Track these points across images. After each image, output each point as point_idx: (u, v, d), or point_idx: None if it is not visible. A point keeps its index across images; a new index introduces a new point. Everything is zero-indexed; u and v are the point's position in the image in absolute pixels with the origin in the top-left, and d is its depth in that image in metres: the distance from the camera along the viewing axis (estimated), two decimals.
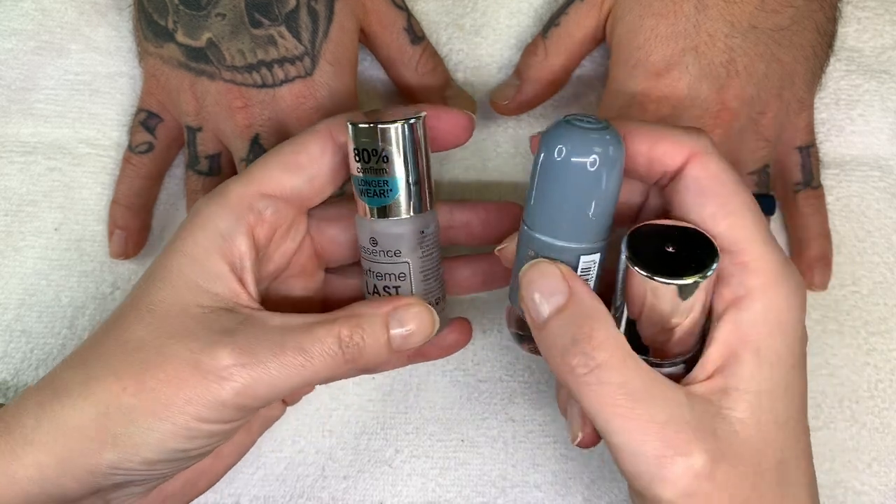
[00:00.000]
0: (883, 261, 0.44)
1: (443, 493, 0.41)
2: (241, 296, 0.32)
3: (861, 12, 0.46)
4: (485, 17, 0.45)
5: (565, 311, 0.29)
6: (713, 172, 0.30)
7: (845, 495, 0.41)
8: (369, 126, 0.32)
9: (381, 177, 0.33)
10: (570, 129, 0.29)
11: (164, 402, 0.30)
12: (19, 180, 0.44)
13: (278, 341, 0.30)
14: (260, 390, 0.30)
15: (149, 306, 0.32)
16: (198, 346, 0.30)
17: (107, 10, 0.46)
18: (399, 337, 0.32)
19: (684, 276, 0.28)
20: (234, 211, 0.32)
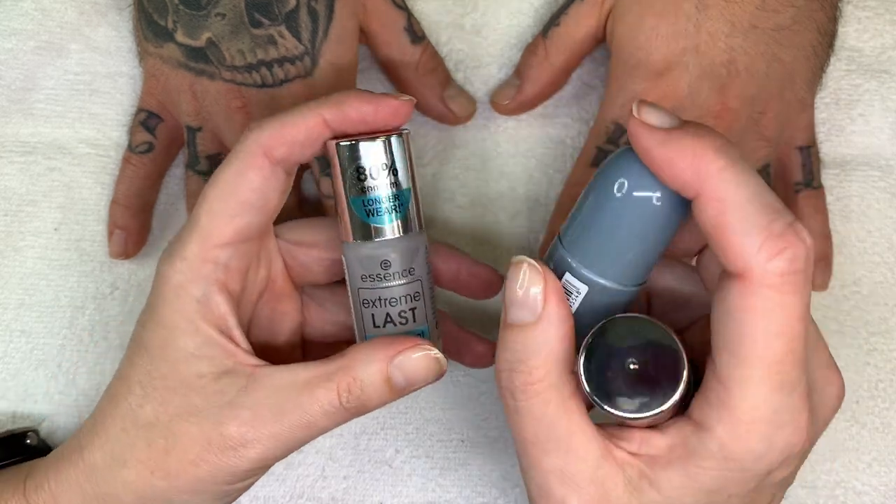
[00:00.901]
0: (883, 261, 0.44)
1: (443, 493, 0.41)
2: (236, 354, 0.32)
3: (861, 12, 0.46)
4: (485, 17, 0.45)
5: (526, 331, 0.28)
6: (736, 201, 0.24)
7: (846, 495, 0.41)
8: (360, 143, 0.30)
9: (393, 191, 0.31)
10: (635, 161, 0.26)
11: (192, 481, 0.31)
12: (19, 180, 0.44)
13: (281, 406, 0.31)
14: (276, 453, 0.31)
15: (152, 381, 0.32)
16: (206, 423, 0.31)
17: (107, 10, 0.46)
18: (402, 382, 0.31)
19: (640, 407, 0.26)
20: (201, 273, 0.31)
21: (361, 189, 0.31)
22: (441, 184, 0.44)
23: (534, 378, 0.28)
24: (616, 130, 0.40)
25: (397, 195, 0.31)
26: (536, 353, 0.27)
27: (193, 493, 0.32)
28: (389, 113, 0.31)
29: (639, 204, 0.26)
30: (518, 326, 0.28)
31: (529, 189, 0.44)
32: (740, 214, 0.24)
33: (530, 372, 0.28)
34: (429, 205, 0.44)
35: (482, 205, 0.44)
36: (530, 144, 0.45)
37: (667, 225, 0.27)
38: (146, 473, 0.31)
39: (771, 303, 0.24)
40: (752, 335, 0.25)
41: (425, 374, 0.31)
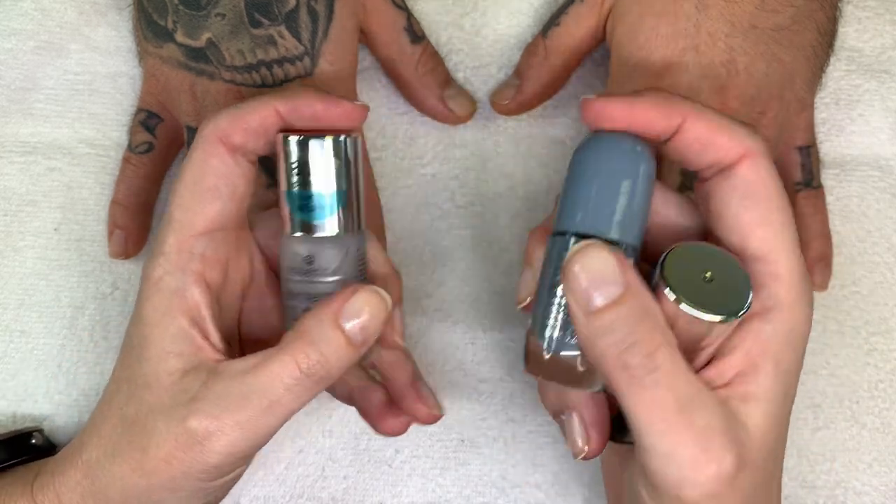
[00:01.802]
0: (883, 261, 0.44)
1: (443, 493, 0.41)
2: (203, 349, 0.32)
3: (861, 12, 0.46)
4: (485, 18, 0.45)
5: (622, 305, 0.27)
6: (763, 177, 0.29)
7: (845, 495, 0.41)
8: (306, 139, 0.31)
9: (325, 190, 0.31)
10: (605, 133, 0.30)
11: (168, 479, 0.31)
12: (19, 180, 0.44)
13: (243, 394, 0.30)
14: (243, 445, 0.31)
15: (132, 380, 0.32)
16: (173, 421, 0.31)
17: (106, 9, 0.46)
18: (357, 332, 0.31)
19: (716, 310, 0.28)
20: (178, 264, 0.32)
21: (295, 183, 0.31)
22: (441, 184, 0.44)
23: (655, 344, 0.27)
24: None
25: (330, 195, 0.31)
26: (642, 319, 0.27)
27: (171, 491, 0.32)
28: (340, 113, 0.32)
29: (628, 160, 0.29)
30: (611, 305, 0.27)
31: (529, 189, 0.44)
32: (723, 120, 0.30)
33: (649, 341, 0.27)
34: (429, 205, 0.44)
35: (482, 205, 0.44)
36: (530, 144, 0.45)
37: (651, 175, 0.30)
38: (130, 470, 0.32)
39: (771, 170, 0.30)
40: (771, 196, 0.29)
41: (375, 314, 0.31)
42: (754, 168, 0.29)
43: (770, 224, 0.29)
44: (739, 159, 0.29)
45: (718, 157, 0.30)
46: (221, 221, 0.33)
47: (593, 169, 0.30)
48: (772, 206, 0.29)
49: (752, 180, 0.29)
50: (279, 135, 0.31)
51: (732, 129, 0.30)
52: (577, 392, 0.32)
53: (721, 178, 0.30)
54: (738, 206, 0.29)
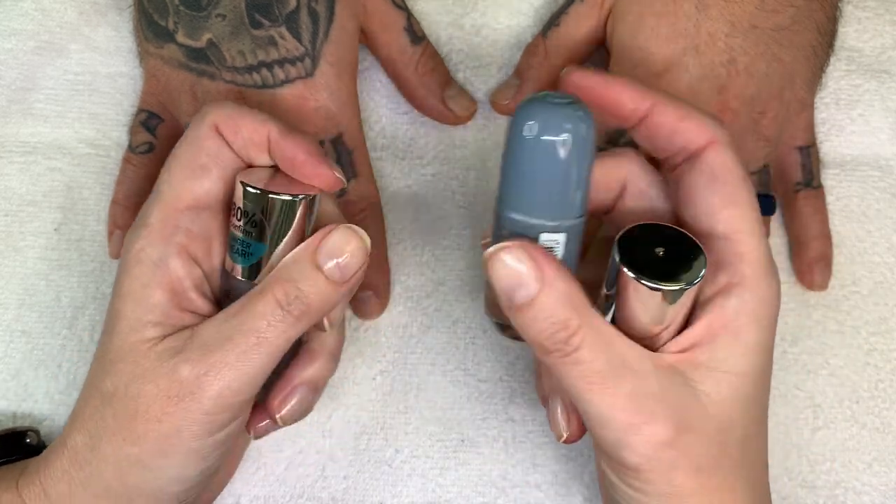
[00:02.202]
0: (883, 261, 0.44)
1: (443, 493, 0.41)
2: (183, 318, 0.32)
3: (861, 12, 0.46)
4: (485, 18, 0.45)
5: (538, 300, 0.29)
6: (728, 163, 0.31)
7: (845, 495, 0.41)
8: (259, 193, 0.31)
9: (246, 238, 0.32)
10: (542, 106, 0.28)
11: (161, 439, 0.31)
12: (19, 180, 0.44)
13: (225, 335, 0.31)
14: (235, 386, 0.30)
15: (109, 355, 0.32)
16: (159, 378, 0.31)
17: (107, 10, 0.46)
18: (336, 269, 0.31)
19: (672, 282, 0.29)
20: (162, 236, 0.32)
21: (233, 223, 0.32)
22: (441, 184, 0.44)
23: (573, 328, 0.29)
24: (616, 130, 0.40)
25: (249, 244, 0.32)
26: (560, 307, 0.29)
27: (165, 455, 0.31)
28: (312, 171, 0.32)
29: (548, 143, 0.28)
30: (529, 302, 0.29)
31: None
32: (691, 109, 0.31)
33: (566, 325, 0.29)
34: (429, 205, 0.44)
35: (482, 205, 0.44)
36: None
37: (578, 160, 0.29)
38: (119, 442, 0.31)
39: (735, 157, 0.31)
40: (735, 180, 0.30)
41: (353, 250, 0.31)
42: (720, 155, 0.31)
43: (735, 205, 0.30)
44: (706, 146, 0.31)
45: (685, 143, 0.31)
46: (208, 201, 0.33)
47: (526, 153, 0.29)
48: (737, 189, 0.31)
49: (718, 165, 0.31)
50: (240, 182, 0.32)
51: (699, 117, 0.31)
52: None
53: (689, 165, 0.31)
54: (705, 189, 0.31)
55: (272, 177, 0.33)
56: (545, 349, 0.29)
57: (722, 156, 0.31)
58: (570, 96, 0.29)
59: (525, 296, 0.29)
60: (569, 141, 0.28)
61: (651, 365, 0.30)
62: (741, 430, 0.31)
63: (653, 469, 0.29)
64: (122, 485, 0.32)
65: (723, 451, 0.30)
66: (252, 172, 0.33)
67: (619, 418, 0.29)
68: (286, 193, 0.31)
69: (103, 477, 0.32)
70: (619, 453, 0.30)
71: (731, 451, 0.30)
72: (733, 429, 0.30)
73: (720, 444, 0.30)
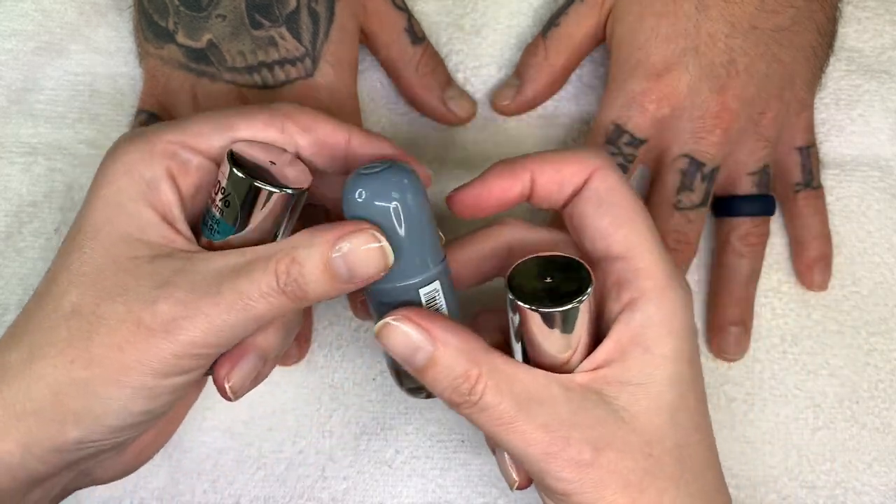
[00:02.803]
0: (883, 261, 0.44)
1: (443, 493, 0.41)
2: (175, 241, 0.31)
3: (861, 12, 0.46)
4: (485, 18, 0.45)
5: (436, 361, 0.30)
6: (612, 185, 0.32)
7: (845, 495, 0.41)
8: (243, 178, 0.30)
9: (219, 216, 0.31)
10: (364, 177, 0.30)
11: (117, 369, 0.29)
12: (20, 181, 0.44)
13: (215, 287, 0.29)
14: (209, 338, 0.29)
15: (79, 267, 0.30)
16: (137, 303, 0.29)
17: (107, 10, 0.46)
18: (343, 268, 0.29)
19: (563, 304, 0.30)
20: (159, 157, 0.31)
21: (211, 195, 0.31)
22: (441, 184, 0.44)
23: (474, 377, 0.30)
24: (615, 131, 0.40)
25: (219, 222, 0.31)
26: (457, 361, 0.30)
27: (117, 385, 0.29)
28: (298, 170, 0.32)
29: (381, 207, 0.30)
30: (428, 364, 0.30)
31: None
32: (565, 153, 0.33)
33: (467, 377, 0.30)
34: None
35: None
36: (530, 145, 0.45)
37: (425, 199, 0.31)
38: (65, 363, 0.29)
39: (620, 178, 0.32)
40: (622, 200, 0.32)
41: (367, 261, 0.30)
42: (603, 179, 0.32)
43: (626, 224, 0.31)
44: (589, 176, 0.32)
45: (574, 184, 0.32)
46: (213, 154, 0.32)
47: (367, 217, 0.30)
48: (625, 208, 0.31)
49: (604, 190, 0.32)
50: (226, 160, 0.31)
51: (575, 155, 0.32)
52: None
53: (576, 197, 0.32)
54: (594, 215, 0.32)
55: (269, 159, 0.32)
56: (454, 402, 0.30)
57: (606, 180, 0.32)
58: (385, 161, 0.31)
59: (422, 359, 0.30)
60: (399, 201, 0.30)
61: (560, 390, 0.30)
62: (672, 440, 0.30)
63: (582, 491, 0.29)
64: (58, 409, 0.29)
65: (654, 463, 0.30)
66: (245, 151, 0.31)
67: (535, 452, 0.29)
68: (273, 184, 0.30)
69: (33, 398, 0.29)
70: (546, 483, 0.30)
71: (664, 463, 0.30)
72: (662, 440, 0.30)
73: (648, 456, 0.30)
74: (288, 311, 0.30)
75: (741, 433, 0.42)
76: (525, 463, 0.30)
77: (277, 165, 0.32)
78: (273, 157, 0.32)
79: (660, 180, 0.41)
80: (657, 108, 0.39)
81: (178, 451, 0.42)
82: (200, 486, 0.41)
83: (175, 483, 0.41)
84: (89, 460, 0.32)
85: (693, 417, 0.31)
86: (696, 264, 0.44)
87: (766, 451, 0.42)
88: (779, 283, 0.44)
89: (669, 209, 0.40)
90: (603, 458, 0.29)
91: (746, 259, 0.42)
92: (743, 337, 0.42)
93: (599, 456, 0.29)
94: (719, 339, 0.42)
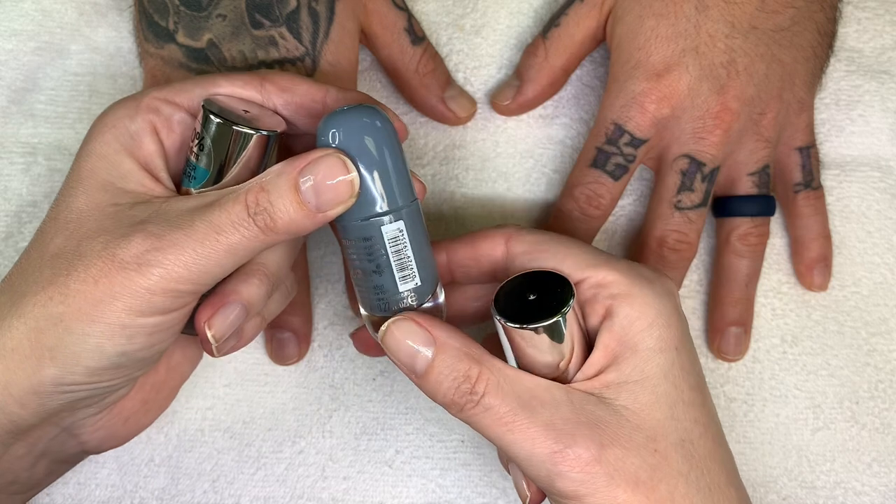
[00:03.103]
0: (883, 261, 0.44)
1: (443, 493, 0.41)
2: (155, 189, 0.32)
3: (861, 13, 0.46)
4: (485, 18, 0.45)
5: (437, 361, 0.31)
6: (532, 239, 0.34)
7: (845, 496, 0.41)
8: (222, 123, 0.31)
9: (194, 161, 0.32)
10: (334, 115, 0.30)
11: (91, 303, 0.29)
12: (20, 181, 0.44)
13: (188, 220, 0.30)
14: (181, 272, 0.29)
15: (66, 214, 0.31)
16: (112, 239, 0.30)
17: (107, 10, 0.46)
18: (312, 195, 0.30)
19: (547, 318, 0.31)
20: (142, 112, 0.32)
21: (189, 145, 0.33)
22: (441, 184, 0.44)
23: (475, 375, 0.31)
24: (616, 131, 0.40)
25: (195, 167, 0.32)
26: (459, 361, 0.31)
27: (90, 320, 0.29)
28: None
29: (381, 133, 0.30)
30: (431, 366, 0.31)
31: (528, 189, 0.44)
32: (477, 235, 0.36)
33: (468, 376, 0.31)
34: (428, 205, 0.44)
35: (481, 205, 0.44)
36: (530, 145, 0.45)
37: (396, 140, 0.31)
38: (45, 300, 0.30)
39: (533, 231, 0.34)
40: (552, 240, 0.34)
41: (334, 188, 0.29)
42: (519, 241, 0.34)
43: (567, 257, 0.33)
44: (505, 246, 0.34)
45: (492, 258, 0.35)
46: (195, 110, 0.33)
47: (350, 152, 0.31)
48: (553, 248, 0.33)
49: (528, 244, 0.34)
50: (206, 110, 0.32)
51: (484, 233, 0.35)
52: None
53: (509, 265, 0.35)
54: (533, 262, 0.33)
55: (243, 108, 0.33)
56: (457, 405, 0.31)
57: (522, 240, 0.34)
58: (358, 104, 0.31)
59: (425, 359, 0.31)
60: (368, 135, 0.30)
61: (561, 392, 0.31)
62: (675, 434, 0.31)
63: (592, 491, 0.29)
64: (35, 345, 0.30)
65: (661, 459, 0.30)
66: (221, 101, 0.33)
67: (540, 451, 0.30)
68: (245, 126, 0.31)
69: (13, 335, 0.30)
70: (554, 486, 0.30)
71: (670, 458, 0.30)
72: (666, 434, 0.30)
73: (654, 452, 0.30)
74: (262, 245, 0.30)
75: (741, 433, 0.42)
76: (533, 468, 0.30)
77: (251, 113, 0.33)
78: (247, 108, 0.33)
79: (660, 180, 0.41)
80: (657, 108, 0.39)
81: (178, 452, 0.42)
82: (200, 487, 0.41)
83: (175, 483, 0.41)
84: (70, 414, 0.33)
85: (689, 410, 0.32)
86: (696, 264, 0.44)
87: (766, 452, 0.42)
88: (779, 283, 0.44)
89: (670, 209, 0.40)
90: (610, 455, 0.29)
91: (746, 259, 0.42)
92: (743, 337, 0.42)
93: (606, 452, 0.29)
94: (719, 339, 0.42)
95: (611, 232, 0.44)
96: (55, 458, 0.35)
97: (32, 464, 0.34)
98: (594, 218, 0.41)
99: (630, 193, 0.44)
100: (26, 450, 0.33)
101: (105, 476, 0.41)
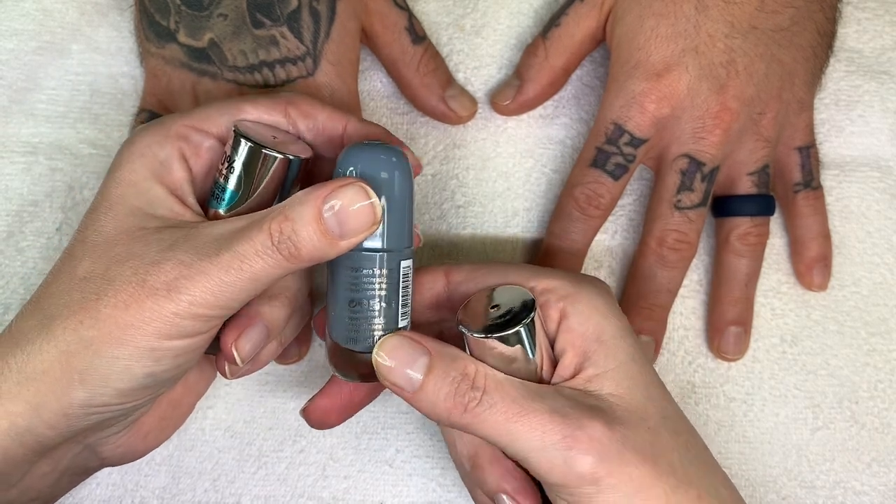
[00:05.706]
0: (883, 261, 0.44)
1: (444, 493, 0.41)
2: (184, 214, 0.32)
3: (861, 13, 0.46)
4: (485, 18, 0.45)
5: (435, 366, 0.31)
6: (467, 268, 0.36)
7: (845, 495, 0.41)
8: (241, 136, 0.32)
9: (223, 183, 0.33)
10: (355, 150, 0.31)
11: (122, 327, 0.30)
12: (21, 180, 0.44)
13: (215, 249, 0.30)
14: (208, 298, 0.30)
15: (94, 238, 0.32)
16: (141, 265, 0.30)
17: (108, 10, 0.46)
18: (335, 224, 0.30)
19: (512, 327, 0.31)
20: (172, 139, 0.33)
21: (218, 167, 0.33)
22: (441, 184, 0.44)
23: (472, 372, 0.31)
24: (615, 131, 0.40)
25: (224, 189, 0.33)
26: (454, 363, 0.31)
27: (120, 344, 0.30)
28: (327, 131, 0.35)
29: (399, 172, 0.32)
30: (428, 374, 0.31)
31: (529, 189, 0.44)
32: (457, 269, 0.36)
33: (465, 373, 0.31)
34: (428, 204, 0.44)
35: (482, 205, 0.44)
36: (530, 144, 0.45)
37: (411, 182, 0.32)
38: (75, 324, 0.30)
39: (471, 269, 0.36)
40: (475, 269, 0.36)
41: (359, 211, 0.30)
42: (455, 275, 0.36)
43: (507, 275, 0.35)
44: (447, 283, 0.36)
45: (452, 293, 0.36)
46: (223, 135, 0.34)
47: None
48: (486, 273, 0.35)
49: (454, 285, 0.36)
50: (240, 138, 0.32)
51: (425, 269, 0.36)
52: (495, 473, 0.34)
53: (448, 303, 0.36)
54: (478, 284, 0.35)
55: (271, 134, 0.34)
56: (459, 407, 0.31)
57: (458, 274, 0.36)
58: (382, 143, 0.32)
59: (422, 366, 0.31)
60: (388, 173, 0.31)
61: (552, 389, 0.32)
62: (657, 412, 0.32)
63: (609, 471, 0.30)
64: (65, 368, 0.30)
65: (655, 435, 0.31)
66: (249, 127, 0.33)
67: (552, 438, 0.30)
68: (276, 150, 0.32)
69: (44, 358, 0.30)
70: (572, 472, 0.30)
71: (661, 433, 0.31)
72: (652, 413, 0.32)
73: (648, 429, 0.31)
74: (285, 272, 0.31)
75: (741, 433, 0.42)
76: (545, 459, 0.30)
77: (279, 139, 0.33)
78: (275, 133, 0.34)
79: (660, 180, 0.41)
80: (657, 108, 0.39)
81: (179, 451, 0.42)
82: (201, 486, 0.41)
83: (176, 482, 0.41)
84: (95, 433, 0.33)
85: (660, 389, 0.33)
86: (696, 264, 0.44)
87: (766, 451, 0.42)
88: (778, 283, 0.44)
89: (669, 209, 0.40)
90: (618, 433, 0.30)
91: (746, 259, 0.42)
92: (743, 337, 0.42)
93: (614, 431, 0.30)
94: (719, 339, 0.42)
95: (611, 232, 0.44)
96: (76, 472, 0.36)
97: (56, 480, 0.34)
98: (594, 217, 0.41)
99: (630, 193, 0.45)
100: (51, 467, 0.34)
101: (106, 475, 0.41)
